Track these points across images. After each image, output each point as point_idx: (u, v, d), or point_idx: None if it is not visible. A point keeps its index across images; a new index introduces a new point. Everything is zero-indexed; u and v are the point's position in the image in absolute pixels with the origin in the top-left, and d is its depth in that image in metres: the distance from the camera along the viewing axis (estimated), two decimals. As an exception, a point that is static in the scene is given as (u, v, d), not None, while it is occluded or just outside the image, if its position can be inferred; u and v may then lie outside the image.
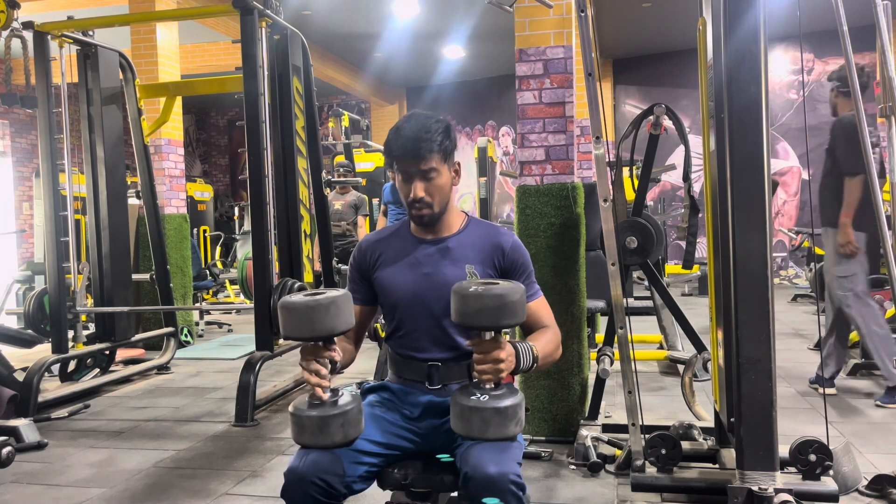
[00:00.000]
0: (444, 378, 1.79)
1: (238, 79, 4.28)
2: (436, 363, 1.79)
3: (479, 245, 1.83)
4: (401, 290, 1.81)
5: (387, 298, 1.84)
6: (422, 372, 1.80)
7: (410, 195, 1.76)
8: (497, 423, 1.50)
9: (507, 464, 1.49)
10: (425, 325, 1.80)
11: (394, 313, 1.84)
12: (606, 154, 2.48)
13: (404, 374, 1.85)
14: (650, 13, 9.08)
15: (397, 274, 1.83)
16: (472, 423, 1.50)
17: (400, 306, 1.82)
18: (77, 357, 4.54)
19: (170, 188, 6.12)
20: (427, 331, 1.80)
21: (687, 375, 3.11)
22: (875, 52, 2.75)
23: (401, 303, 1.81)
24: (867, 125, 2.58)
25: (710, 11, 2.13)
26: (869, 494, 2.51)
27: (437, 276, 1.79)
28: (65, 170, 4.47)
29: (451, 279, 1.72)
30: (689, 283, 8.90)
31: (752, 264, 2.02)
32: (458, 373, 1.78)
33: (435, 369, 1.79)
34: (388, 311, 1.86)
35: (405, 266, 1.83)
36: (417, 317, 1.80)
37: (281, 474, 1.60)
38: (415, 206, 1.77)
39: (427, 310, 1.79)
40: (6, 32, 4.09)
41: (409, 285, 1.81)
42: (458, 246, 1.83)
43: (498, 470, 1.47)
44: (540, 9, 3.29)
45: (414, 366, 1.82)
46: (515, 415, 1.52)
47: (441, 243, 1.84)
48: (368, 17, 8.95)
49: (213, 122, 14.93)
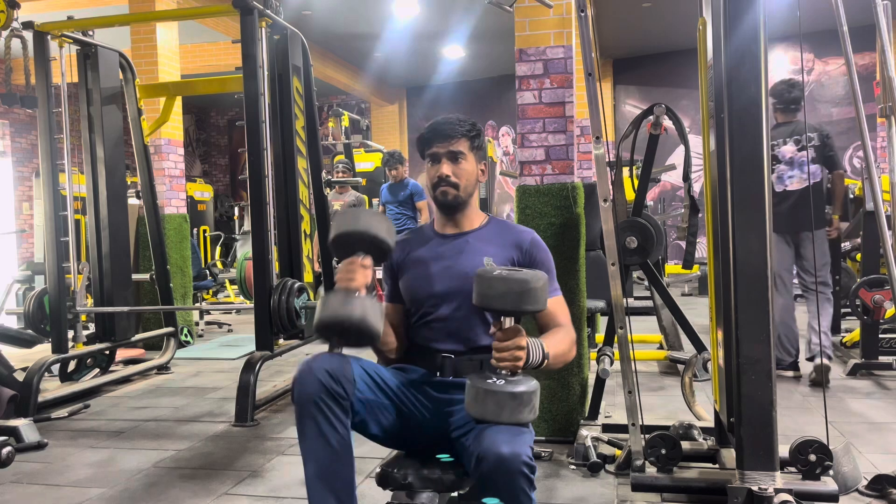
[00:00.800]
0: (455, 371, 1.81)
1: (238, 79, 4.28)
2: (449, 355, 1.81)
3: (498, 240, 1.89)
4: (420, 283, 1.87)
5: (409, 294, 1.90)
6: (434, 363, 1.83)
7: (437, 174, 1.84)
8: (512, 408, 1.50)
9: (521, 446, 1.50)
10: (441, 317, 1.84)
11: (415, 306, 1.89)
12: (606, 154, 2.48)
13: (416, 363, 1.88)
14: (650, 13, 9.08)
15: (419, 269, 1.89)
16: (487, 406, 1.51)
17: (418, 298, 1.87)
18: (77, 357, 4.54)
19: (170, 188, 6.12)
20: (443, 322, 1.84)
21: (687, 375, 3.11)
22: (875, 52, 2.75)
23: (419, 295, 1.87)
24: (867, 126, 2.59)
25: (710, 11, 2.13)
26: (869, 494, 2.51)
27: (456, 268, 1.85)
28: (65, 170, 4.47)
29: (470, 271, 1.76)
30: (689, 283, 8.90)
31: (752, 264, 2.02)
32: (471, 367, 1.80)
33: (448, 361, 1.81)
34: (410, 304, 1.91)
35: (427, 261, 1.89)
36: (434, 308, 1.84)
37: (281, 474, 1.61)
38: (441, 185, 1.85)
39: (444, 301, 1.83)
40: (6, 32, 4.09)
41: (429, 278, 1.86)
42: (477, 240, 1.90)
43: (511, 450, 1.47)
44: (540, 9, 3.29)
45: (427, 356, 1.85)
46: (530, 401, 1.53)
47: (461, 237, 1.91)
48: (368, 17, 8.95)
49: (213, 122, 14.93)
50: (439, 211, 1.93)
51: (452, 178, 1.85)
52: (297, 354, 5.44)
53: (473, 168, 1.89)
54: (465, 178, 1.87)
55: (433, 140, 1.86)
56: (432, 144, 1.87)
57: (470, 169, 1.88)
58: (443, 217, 1.94)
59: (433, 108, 12.96)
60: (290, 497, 2.69)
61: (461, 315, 1.81)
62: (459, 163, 1.85)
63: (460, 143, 1.85)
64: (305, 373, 1.61)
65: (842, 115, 10.40)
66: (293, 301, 4.04)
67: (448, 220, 1.93)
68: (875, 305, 4.20)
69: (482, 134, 1.93)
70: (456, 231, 1.92)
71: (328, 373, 1.59)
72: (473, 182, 1.90)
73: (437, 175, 1.85)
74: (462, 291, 1.78)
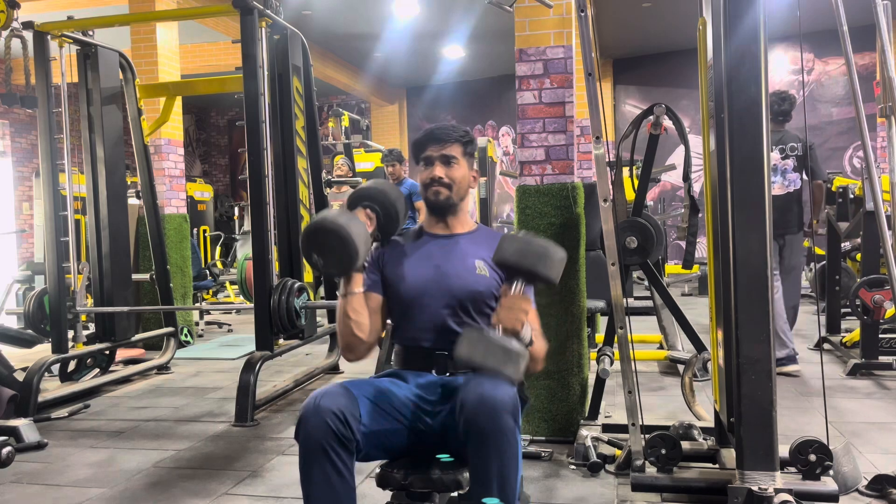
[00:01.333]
0: (450, 367, 1.83)
1: (238, 79, 4.28)
2: (442, 352, 1.83)
3: (487, 245, 1.91)
4: (410, 282, 1.88)
5: (396, 291, 1.90)
6: (428, 361, 1.85)
7: (430, 175, 1.90)
8: (498, 358, 1.56)
9: (503, 389, 1.55)
10: (433, 316, 1.85)
11: (402, 305, 1.89)
12: (606, 154, 2.48)
13: (410, 365, 1.89)
14: (650, 13, 9.08)
15: (408, 267, 1.90)
16: (476, 350, 1.57)
17: (409, 297, 1.87)
18: (77, 357, 4.54)
19: (170, 188, 6.12)
20: (434, 322, 1.85)
21: (687, 375, 3.11)
22: (875, 52, 2.76)
23: (410, 293, 1.87)
24: (867, 126, 2.59)
25: (710, 11, 2.13)
26: (869, 494, 2.51)
27: (446, 268, 1.87)
28: (65, 170, 4.47)
29: (461, 271, 1.84)
30: (689, 283, 8.90)
31: (752, 264, 2.02)
32: None
33: (440, 358, 1.84)
34: (397, 302, 1.91)
35: (416, 259, 1.91)
36: (426, 308, 1.85)
37: (281, 474, 1.61)
38: (433, 186, 1.90)
39: (435, 301, 1.85)
40: (6, 32, 4.09)
41: (419, 278, 1.87)
42: (468, 243, 1.93)
43: (493, 390, 1.53)
44: (540, 9, 3.29)
45: (420, 355, 1.87)
46: (517, 361, 1.57)
47: (451, 238, 1.94)
48: (368, 17, 8.95)
49: (213, 122, 14.93)
50: (430, 212, 1.97)
51: (445, 179, 1.89)
52: (297, 354, 5.44)
53: (465, 173, 1.93)
54: (458, 181, 1.91)
55: (427, 144, 1.92)
56: (426, 148, 1.92)
57: (462, 173, 1.92)
58: (433, 218, 1.98)
59: (433, 108, 12.96)
60: (290, 497, 2.69)
61: (449, 313, 1.83)
62: (452, 166, 1.90)
63: (453, 148, 1.91)
64: (312, 414, 1.60)
65: (842, 115, 10.40)
66: (293, 301, 4.04)
67: (439, 222, 1.97)
68: (875, 305, 4.20)
69: (475, 142, 1.98)
70: (447, 232, 1.95)
71: (335, 415, 1.59)
72: (465, 187, 1.94)
73: (429, 176, 1.90)
74: (451, 291, 1.83)
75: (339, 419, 1.59)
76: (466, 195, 1.97)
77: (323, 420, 1.58)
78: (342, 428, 1.59)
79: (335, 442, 1.59)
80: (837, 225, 5.04)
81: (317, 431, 1.58)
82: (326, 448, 1.58)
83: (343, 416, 1.59)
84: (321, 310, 4.88)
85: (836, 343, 4.97)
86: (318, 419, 1.58)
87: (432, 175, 1.89)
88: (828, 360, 4.83)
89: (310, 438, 1.59)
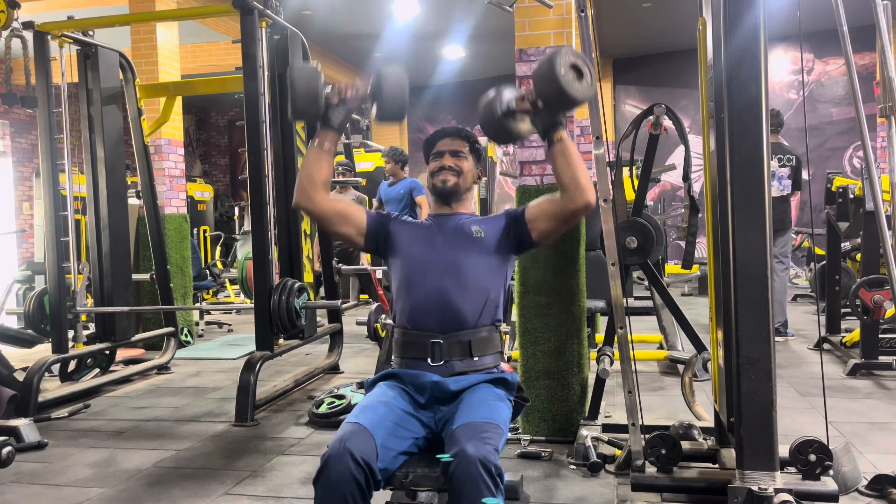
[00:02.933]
0: (445, 354, 1.91)
1: (238, 79, 4.28)
2: (438, 340, 1.91)
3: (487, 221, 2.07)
4: (413, 260, 2.00)
5: (398, 269, 2.02)
6: (424, 349, 1.92)
7: (440, 165, 2.06)
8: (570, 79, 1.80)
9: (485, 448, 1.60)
10: (432, 297, 1.94)
11: (403, 283, 1.99)
12: (606, 154, 2.48)
13: (408, 353, 1.96)
14: (650, 13, 9.08)
15: (412, 245, 2.03)
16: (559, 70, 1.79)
17: (411, 275, 1.98)
18: (77, 357, 4.54)
19: (170, 188, 6.12)
20: (433, 303, 1.93)
21: (687, 375, 3.11)
22: (875, 52, 2.76)
23: (412, 271, 1.99)
24: (867, 126, 2.59)
25: (710, 11, 2.13)
26: (869, 494, 2.51)
27: (447, 244, 1.99)
28: (65, 170, 4.47)
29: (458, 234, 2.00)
30: (689, 283, 8.89)
31: (752, 264, 2.02)
32: (460, 350, 1.92)
33: (437, 346, 1.91)
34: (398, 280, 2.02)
35: (420, 240, 2.04)
36: (425, 287, 1.95)
37: (281, 474, 1.61)
38: (441, 172, 2.05)
39: (435, 280, 1.94)
40: (6, 32, 4.09)
41: (421, 256, 2.00)
42: (469, 221, 2.07)
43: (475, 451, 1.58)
44: (540, 9, 3.29)
45: (417, 342, 1.94)
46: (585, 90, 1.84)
47: (455, 216, 2.08)
48: (368, 17, 8.95)
49: (213, 122, 14.93)
50: (437, 198, 2.10)
51: (454, 167, 2.05)
52: (297, 354, 5.44)
53: (472, 167, 2.10)
54: (465, 171, 2.07)
55: (438, 139, 2.11)
56: (437, 143, 2.10)
57: (469, 167, 2.09)
58: (438, 202, 2.10)
59: (433, 108, 12.95)
60: (290, 497, 2.69)
61: (449, 286, 1.92)
62: (461, 158, 2.07)
63: (462, 144, 2.09)
64: (336, 460, 1.59)
65: (842, 115, 10.40)
66: (293, 301, 4.04)
67: (443, 205, 2.10)
68: (875, 305, 4.20)
69: (481, 144, 2.16)
70: (450, 211, 2.09)
71: (356, 461, 1.59)
72: (471, 179, 2.10)
73: (439, 165, 2.06)
74: (452, 263, 1.95)
75: (360, 464, 1.59)
76: (472, 188, 2.11)
77: (347, 468, 1.58)
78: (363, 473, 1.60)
79: (356, 490, 1.59)
80: (837, 225, 5.04)
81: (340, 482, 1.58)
82: (347, 498, 1.59)
83: (364, 459, 1.60)
84: (321, 310, 4.88)
85: (836, 343, 4.97)
86: (342, 467, 1.58)
87: (442, 164, 2.05)
88: (828, 360, 4.83)
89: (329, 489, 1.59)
